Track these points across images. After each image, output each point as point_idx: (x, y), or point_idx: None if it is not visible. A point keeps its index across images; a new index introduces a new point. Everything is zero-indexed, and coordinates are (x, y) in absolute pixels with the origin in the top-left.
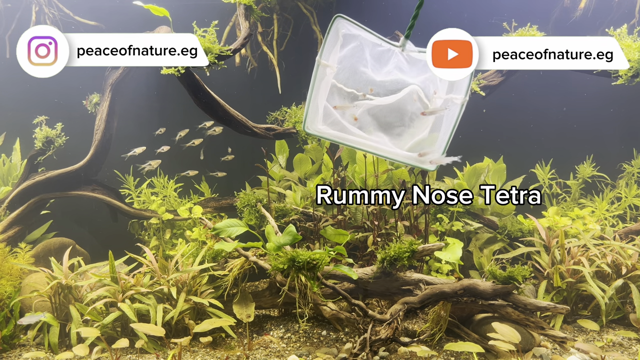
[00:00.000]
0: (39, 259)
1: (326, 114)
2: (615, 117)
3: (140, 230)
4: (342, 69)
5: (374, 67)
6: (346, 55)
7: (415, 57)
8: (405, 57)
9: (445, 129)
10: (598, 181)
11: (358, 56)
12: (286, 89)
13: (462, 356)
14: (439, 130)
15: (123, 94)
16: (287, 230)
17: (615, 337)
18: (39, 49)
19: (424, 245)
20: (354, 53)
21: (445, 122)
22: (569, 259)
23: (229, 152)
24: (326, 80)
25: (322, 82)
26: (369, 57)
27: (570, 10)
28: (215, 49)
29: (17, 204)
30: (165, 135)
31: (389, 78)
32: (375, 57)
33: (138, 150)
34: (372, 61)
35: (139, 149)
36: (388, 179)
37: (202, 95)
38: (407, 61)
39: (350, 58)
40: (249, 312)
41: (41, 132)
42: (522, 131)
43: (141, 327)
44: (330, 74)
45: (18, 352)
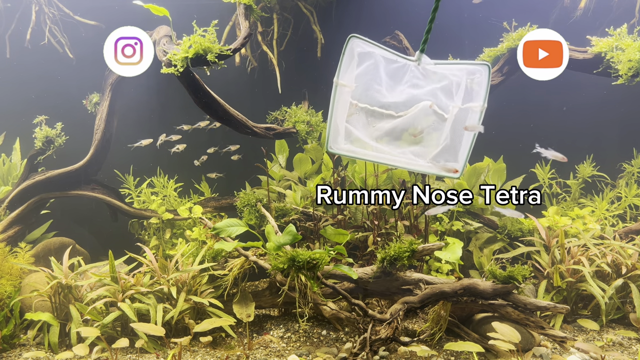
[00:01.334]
0: (39, 259)
1: (347, 133)
2: (615, 116)
3: (140, 229)
4: (358, 86)
5: (389, 84)
6: (362, 73)
7: (431, 70)
8: (421, 70)
9: (467, 138)
10: (598, 181)
11: (373, 74)
12: (286, 88)
13: (462, 356)
14: (461, 138)
15: (123, 93)
16: (287, 229)
17: (615, 337)
18: (125, 49)
19: (423, 245)
20: (368, 71)
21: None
22: (569, 258)
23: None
24: (344, 99)
25: (341, 101)
26: (384, 74)
27: (570, 10)
28: (215, 48)
29: (17, 203)
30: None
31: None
32: (390, 74)
33: (145, 142)
34: (387, 78)
35: (146, 140)
36: (388, 179)
37: (202, 94)
38: (423, 75)
39: (365, 76)
40: (249, 312)
41: (41, 132)
42: (522, 131)
43: (141, 326)
44: (347, 92)
45: (18, 352)
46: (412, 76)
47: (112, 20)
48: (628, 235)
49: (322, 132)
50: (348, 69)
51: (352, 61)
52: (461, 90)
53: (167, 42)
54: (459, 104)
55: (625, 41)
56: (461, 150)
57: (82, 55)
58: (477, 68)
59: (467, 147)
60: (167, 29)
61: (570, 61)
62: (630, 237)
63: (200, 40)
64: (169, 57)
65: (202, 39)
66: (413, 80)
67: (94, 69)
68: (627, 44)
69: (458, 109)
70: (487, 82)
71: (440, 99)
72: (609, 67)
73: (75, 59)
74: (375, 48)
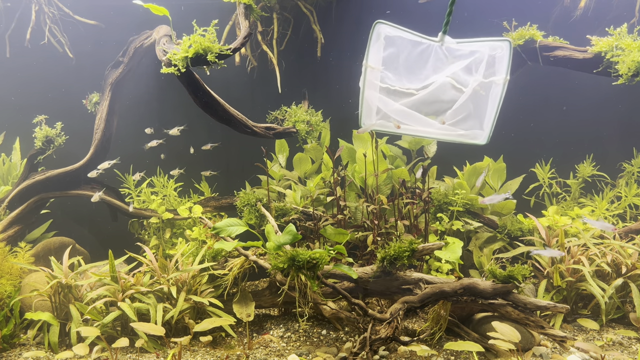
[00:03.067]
0: (39, 259)
1: (377, 110)
2: (615, 116)
3: (140, 229)
4: (386, 68)
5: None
6: (388, 56)
7: (453, 48)
8: (444, 50)
9: (491, 108)
10: (598, 180)
11: (399, 55)
12: (286, 88)
13: (462, 355)
14: (485, 109)
15: (123, 93)
16: (287, 229)
17: (615, 336)
18: None
19: (423, 245)
20: (395, 53)
21: (491, 102)
22: (568, 258)
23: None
24: (373, 80)
25: (370, 83)
26: (409, 55)
27: (571, 10)
28: (215, 48)
29: (17, 203)
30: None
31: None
32: (415, 55)
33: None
34: (413, 58)
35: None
36: (388, 178)
37: (202, 94)
38: (446, 54)
39: (391, 57)
40: (249, 312)
41: (41, 132)
42: (522, 130)
43: (141, 326)
44: (376, 74)
45: (18, 352)
46: (436, 54)
47: (111, 20)
48: (628, 234)
49: (322, 131)
50: (375, 53)
51: (380, 45)
52: (483, 66)
53: (167, 42)
54: (482, 78)
55: (626, 41)
56: (486, 119)
57: (82, 54)
58: (498, 44)
59: (492, 116)
60: (167, 28)
61: (570, 61)
62: (630, 236)
63: (200, 39)
64: (168, 56)
65: (202, 39)
66: (437, 58)
67: (93, 69)
68: (627, 44)
69: (481, 82)
70: (508, 57)
71: (461, 76)
72: (609, 66)
73: (75, 59)
74: (401, 32)
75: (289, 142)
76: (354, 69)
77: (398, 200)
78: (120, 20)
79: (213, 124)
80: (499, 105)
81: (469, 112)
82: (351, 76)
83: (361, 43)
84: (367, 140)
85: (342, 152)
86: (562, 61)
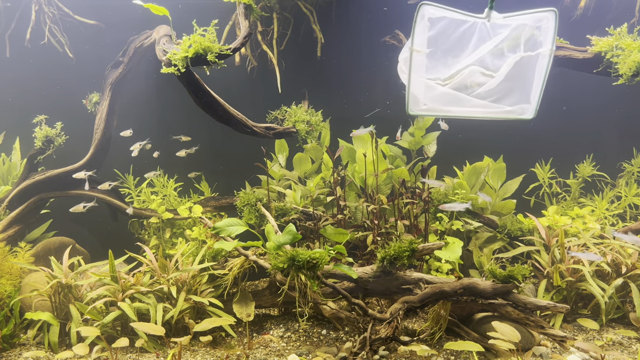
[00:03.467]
0: (39, 258)
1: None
2: (615, 116)
3: (140, 229)
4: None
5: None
6: (433, 37)
7: (499, 24)
8: (489, 26)
9: (538, 81)
10: (598, 180)
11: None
12: (286, 88)
13: (462, 355)
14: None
15: (123, 93)
16: (287, 229)
17: (615, 336)
18: None
19: (423, 245)
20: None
21: (537, 75)
22: (568, 258)
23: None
24: (420, 64)
25: (417, 66)
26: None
27: (571, 9)
28: (215, 48)
29: (17, 203)
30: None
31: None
32: (459, 34)
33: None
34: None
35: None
36: (388, 178)
37: (202, 94)
38: (489, 32)
39: (436, 38)
40: (249, 311)
41: (41, 132)
42: (522, 130)
43: (141, 326)
44: (422, 57)
45: (18, 352)
46: (479, 36)
47: (111, 20)
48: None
49: (322, 131)
50: (422, 35)
51: (424, 27)
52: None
53: (167, 42)
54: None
55: (626, 41)
56: (532, 92)
57: (82, 54)
58: (544, 15)
59: (538, 89)
60: (166, 28)
61: (570, 61)
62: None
63: (200, 39)
64: (168, 56)
65: (202, 39)
66: (478, 41)
67: (93, 69)
68: (627, 44)
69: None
70: (554, 27)
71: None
72: (609, 66)
73: (75, 59)
74: (446, 11)
75: (289, 142)
76: (354, 69)
77: (398, 200)
78: (120, 20)
79: (213, 123)
80: (545, 78)
81: (513, 87)
82: (351, 76)
83: (361, 43)
84: (367, 140)
85: (342, 152)
86: (562, 61)
